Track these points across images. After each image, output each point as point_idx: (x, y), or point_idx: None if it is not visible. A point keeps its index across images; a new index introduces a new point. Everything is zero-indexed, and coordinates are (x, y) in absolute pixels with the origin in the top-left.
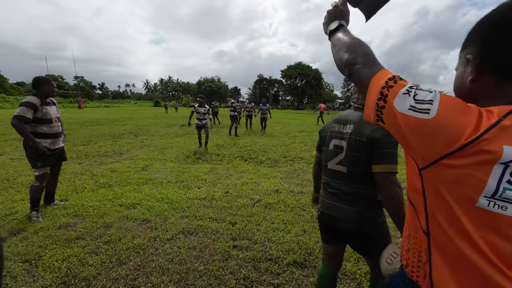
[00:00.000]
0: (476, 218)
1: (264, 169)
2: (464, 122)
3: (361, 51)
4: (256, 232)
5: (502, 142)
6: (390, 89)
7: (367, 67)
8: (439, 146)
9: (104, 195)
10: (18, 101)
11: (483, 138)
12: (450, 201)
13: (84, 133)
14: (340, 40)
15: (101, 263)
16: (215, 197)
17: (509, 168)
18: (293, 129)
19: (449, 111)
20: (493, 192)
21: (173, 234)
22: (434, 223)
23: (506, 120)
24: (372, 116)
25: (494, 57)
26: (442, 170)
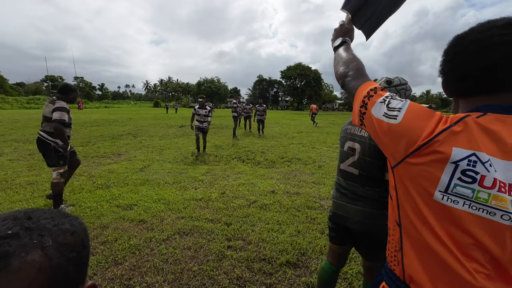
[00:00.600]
0: (435, 210)
1: (261, 170)
2: (423, 126)
3: (353, 66)
4: (251, 233)
5: (452, 144)
6: (370, 98)
7: (355, 79)
8: (403, 146)
9: (101, 196)
10: (17, 101)
11: (435, 140)
12: (414, 194)
13: (83, 134)
14: (340, 55)
15: (97, 263)
16: (211, 198)
17: (459, 167)
18: (292, 130)
19: (413, 117)
20: (445, 187)
21: (169, 234)
22: (404, 215)
23: (457, 126)
24: (357, 121)
25: (451, 82)
26: (407, 167)
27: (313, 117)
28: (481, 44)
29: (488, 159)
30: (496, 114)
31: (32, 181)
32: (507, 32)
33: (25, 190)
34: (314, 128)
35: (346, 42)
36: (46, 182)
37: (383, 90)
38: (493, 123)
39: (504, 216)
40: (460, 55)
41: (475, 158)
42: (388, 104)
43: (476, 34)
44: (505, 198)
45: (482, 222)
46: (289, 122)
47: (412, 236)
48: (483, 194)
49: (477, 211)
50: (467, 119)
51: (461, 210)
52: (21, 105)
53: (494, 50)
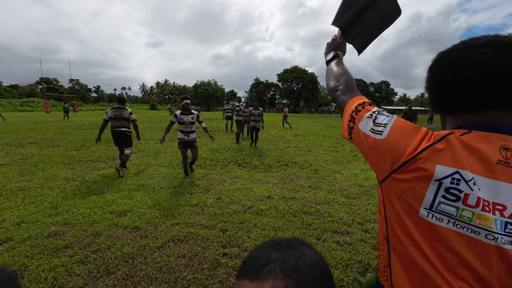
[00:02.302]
0: (420, 227)
1: (258, 174)
2: (407, 143)
3: (343, 81)
4: (247, 239)
5: (435, 162)
6: (358, 113)
7: (345, 94)
8: (388, 162)
9: (94, 202)
10: (11, 104)
11: (418, 157)
12: (400, 210)
13: (77, 137)
14: (331, 69)
15: (88, 273)
16: (207, 203)
17: (443, 185)
18: (288, 133)
19: (398, 134)
20: (430, 204)
21: (163, 242)
22: (391, 230)
23: (439, 144)
24: (346, 135)
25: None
26: (393, 183)
27: (285, 119)
28: (462, 62)
29: (471, 178)
30: (481, 132)
31: (23, 187)
32: (487, 50)
33: (16, 196)
34: (311, 131)
35: (338, 56)
36: (38, 188)
37: (371, 105)
38: (478, 141)
39: (489, 235)
40: (442, 73)
41: (458, 176)
42: (375, 120)
43: (457, 52)
44: (489, 217)
45: (467, 240)
46: (286, 125)
47: (399, 252)
48: (467, 213)
49: (462, 229)
50: (449, 137)
51: (445, 228)
52: (14, 107)
53: (473, 69)
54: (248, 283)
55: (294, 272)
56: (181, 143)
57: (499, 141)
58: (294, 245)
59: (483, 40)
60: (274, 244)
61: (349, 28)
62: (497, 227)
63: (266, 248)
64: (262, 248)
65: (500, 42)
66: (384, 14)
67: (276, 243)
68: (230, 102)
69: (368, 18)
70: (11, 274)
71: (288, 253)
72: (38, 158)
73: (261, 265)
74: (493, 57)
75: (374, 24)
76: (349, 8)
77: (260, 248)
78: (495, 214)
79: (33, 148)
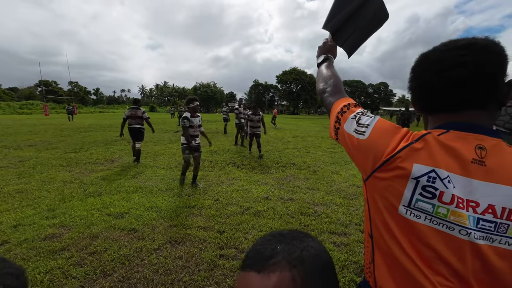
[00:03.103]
0: (400, 224)
1: (256, 176)
2: (387, 143)
3: (331, 83)
4: (244, 241)
5: (412, 161)
6: (344, 114)
7: (332, 96)
8: (370, 161)
9: (92, 204)
10: (10, 106)
11: (397, 156)
12: (381, 208)
13: (76, 139)
14: (321, 72)
15: (84, 275)
16: (204, 205)
17: (420, 183)
18: (287, 135)
19: (379, 134)
20: (408, 202)
21: (160, 243)
22: (375, 227)
23: (417, 143)
24: (333, 135)
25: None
26: (375, 182)
27: (274, 119)
28: (445, 64)
29: (447, 176)
30: (458, 132)
31: (21, 189)
32: (466, 52)
33: (13, 199)
34: (310, 133)
35: (329, 59)
36: (36, 190)
37: (356, 106)
38: (454, 140)
39: (462, 231)
40: (424, 74)
41: (434, 174)
42: (358, 120)
43: (439, 53)
44: (462, 214)
45: (442, 236)
46: (285, 127)
47: (382, 249)
48: (442, 210)
49: (438, 225)
50: (427, 137)
51: (423, 224)
52: (13, 110)
53: (456, 70)
54: (254, 275)
55: (300, 263)
56: (188, 148)
57: (475, 140)
58: (298, 237)
59: (462, 42)
60: (279, 236)
61: (339, 31)
62: (470, 223)
63: (271, 240)
64: (266, 240)
65: (477, 45)
66: (372, 18)
67: (281, 235)
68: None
69: (357, 22)
70: (20, 269)
71: (293, 244)
72: (36, 161)
73: (267, 257)
74: (473, 59)
75: (363, 28)
76: (339, 11)
77: (264, 240)
78: (468, 211)
79: (32, 151)
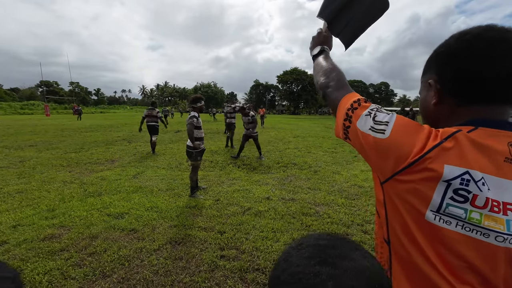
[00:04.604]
0: (426, 230)
1: (257, 176)
2: (412, 142)
3: (333, 76)
4: (245, 241)
5: (443, 162)
6: (355, 110)
7: (337, 90)
8: (392, 163)
9: (92, 204)
10: (11, 107)
11: (427, 156)
12: (403, 213)
13: (77, 139)
14: (319, 64)
15: (84, 276)
16: (205, 205)
17: (452, 186)
18: (288, 135)
19: (401, 132)
20: (437, 207)
21: (160, 244)
22: (393, 233)
23: (447, 142)
24: (341, 134)
25: (451, 84)
26: (397, 185)
27: (262, 118)
28: (498, 52)
29: (481, 177)
30: (488, 129)
31: (21, 190)
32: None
33: (13, 199)
34: (311, 133)
35: (325, 51)
36: (36, 191)
37: (367, 101)
38: (485, 138)
39: (498, 237)
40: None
41: (468, 176)
42: (375, 117)
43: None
44: (497, 218)
45: (475, 244)
46: (286, 127)
47: (401, 256)
48: (476, 215)
49: (471, 232)
50: (458, 135)
51: (453, 231)
52: (14, 110)
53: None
54: None
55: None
56: (200, 154)
57: (505, 138)
58: (345, 253)
59: None
60: (318, 252)
61: (335, 20)
62: (508, 228)
63: (310, 259)
64: (303, 259)
65: None
66: (371, 6)
67: (321, 251)
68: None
69: (355, 10)
70: (15, 272)
71: (342, 267)
72: (37, 161)
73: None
74: None
75: (362, 17)
76: None
77: (301, 259)
78: (507, 215)
79: (32, 151)
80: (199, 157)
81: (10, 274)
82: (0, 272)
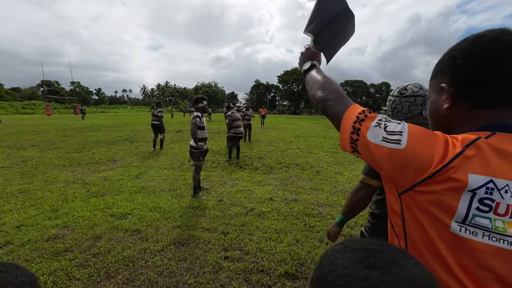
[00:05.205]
0: (450, 242)
1: (259, 176)
2: (432, 151)
3: (332, 89)
4: (248, 242)
5: (467, 171)
6: (362, 123)
7: (338, 104)
8: (411, 173)
9: (95, 204)
10: (12, 106)
11: (450, 166)
12: (425, 225)
13: (78, 139)
14: (313, 78)
15: (88, 277)
16: (208, 205)
17: (476, 195)
18: (289, 135)
19: (418, 141)
20: (463, 218)
21: (164, 245)
22: (412, 245)
23: (469, 150)
24: (348, 148)
25: (466, 87)
26: (417, 196)
27: (263, 118)
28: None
29: (505, 185)
30: (506, 134)
31: (24, 190)
32: None
33: (16, 199)
34: (312, 133)
35: (316, 66)
36: (39, 191)
37: (371, 112)
38: (505, 143)
39: None
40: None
41: (492, 185)
42: (386, 128)
43: None
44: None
45: (502, 253)
46: (287, 127)
47: None
48: (499, 223)
49: (498, 242)
50: (478, 142)
51: (480, 242)
52: (16, 110)
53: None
54: None
55: None
56: (203, 154)
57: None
58: (395, 259)
59: None
60: (366, 255)
61: (319, 35)
62: None
63: (358, 263)
64: (351, 262)
65: None
66: (347, 27)
67: (369, 255)
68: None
69: (336, 27)
70: (33, 277)
71: (393, 273)
72: (39, 161)
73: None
74: None
75: (341, 34)
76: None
77: (347, 261)
78: None
79: (34, 151)
80: (201, 157)
81: (29, 279)
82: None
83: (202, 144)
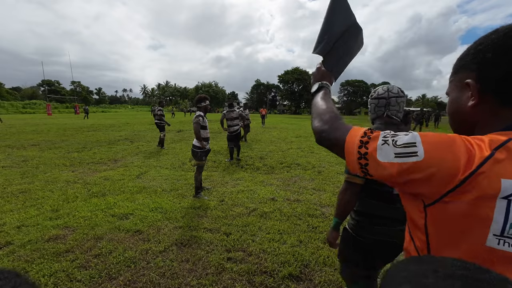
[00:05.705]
0: (485, 257)
1: (261, 176)
2: (455, 157)
3: (327, 119)
4: (251, 243)
5: (499, 176)
6: (367, 145)
7: (334, 132)
8: (436, 184)
9: (96, 204)
10: (13, 106)
11: (479, 171)
12: (455, 240)
13: (79, 139)
14: (316, 105)
15: (89, 278)
16: (210, 206)
17: None
18: (290, 134)
19: (436, 147)
20: (501, 229)
21: (166, 246)
22: None
23: (499, 153)
24: (359, 173)
25: (496, 83)
26: (443, 207)
27: (263, 119)
28: None
29: None
30: None
31: (24, 189)
32: None
33: (17, 199)
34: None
35: (324, 87)
36: (39, 190)
37: (372, 131)
38: None
39: None
40: None
41: None
42: (395, 143)
43: None
44: None
45: None
46: (287, 126)
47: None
48: None
49: None
50: (509, 144)
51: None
52: (16, 109)
53: None
54: None
55: None
56: (205, 154)
57: None
58: None
59: None
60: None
61: (328, 56)
62: None
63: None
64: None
65: None
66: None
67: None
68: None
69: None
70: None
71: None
72: (40, 160)
73: None
74: None
75: (348, 52)
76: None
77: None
78: None
79: (35, 150)
80: (204, 157)
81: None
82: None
83: (205, 143)
